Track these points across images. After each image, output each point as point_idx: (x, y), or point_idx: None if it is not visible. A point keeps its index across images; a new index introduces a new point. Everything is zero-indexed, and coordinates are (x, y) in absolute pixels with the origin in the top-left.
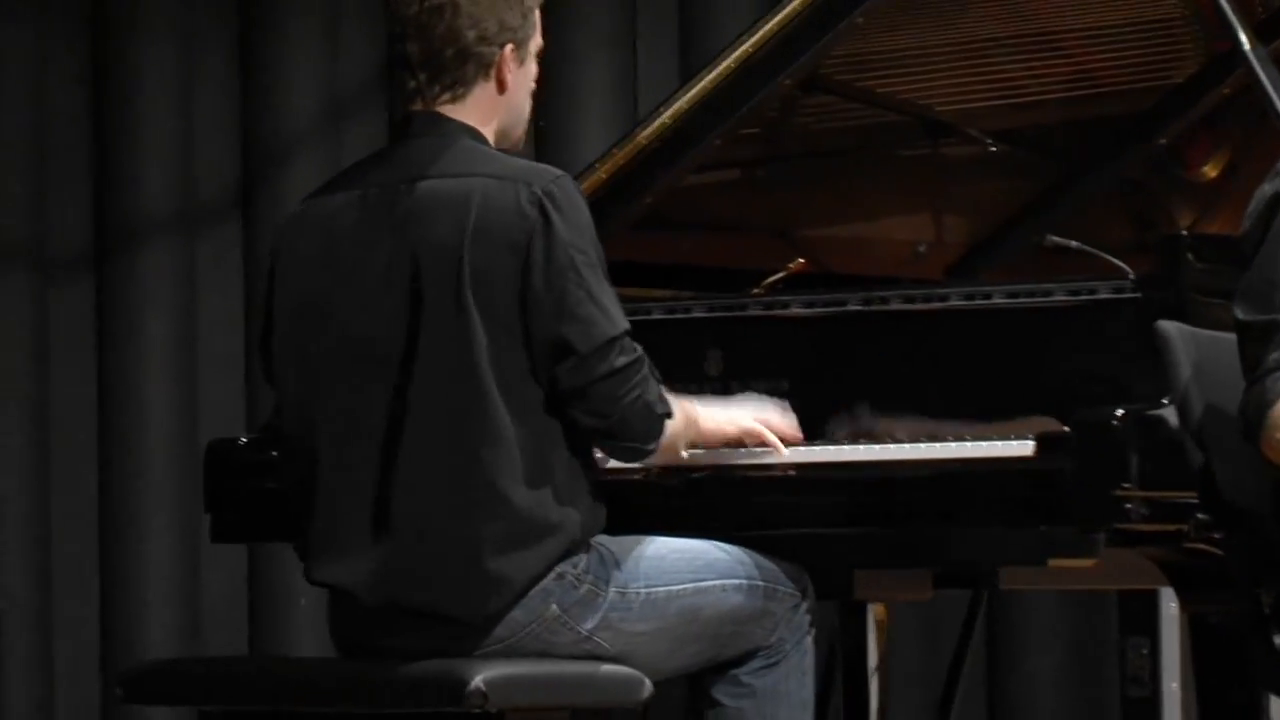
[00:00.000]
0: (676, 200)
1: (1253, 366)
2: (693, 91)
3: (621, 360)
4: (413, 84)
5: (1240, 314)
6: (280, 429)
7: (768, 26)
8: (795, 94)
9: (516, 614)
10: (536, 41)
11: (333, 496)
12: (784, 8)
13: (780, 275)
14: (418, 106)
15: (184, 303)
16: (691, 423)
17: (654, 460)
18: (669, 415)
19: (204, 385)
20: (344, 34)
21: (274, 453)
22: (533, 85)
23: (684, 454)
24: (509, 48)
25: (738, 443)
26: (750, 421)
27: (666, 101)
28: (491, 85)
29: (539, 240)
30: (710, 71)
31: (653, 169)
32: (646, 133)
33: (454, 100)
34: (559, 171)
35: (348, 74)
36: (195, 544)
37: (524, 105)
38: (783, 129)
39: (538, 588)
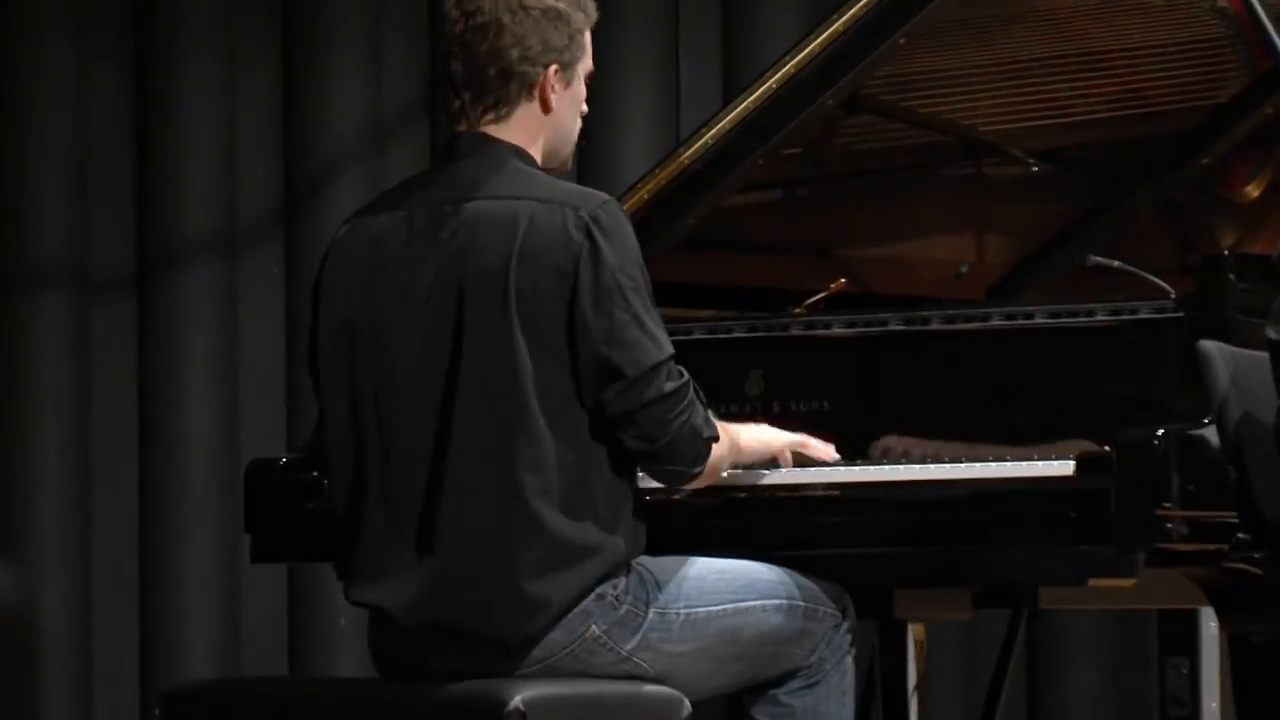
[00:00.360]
0: (719, 220)
1: None
2: (735, 111)
3: (670, 385)
4: (457, 104)
5: (1273, 334)
6: (322, 448)
7: (810, 47)
8: (838, 114)
9: (556, 634)
10: (586, 65)
11: (375, 516)
12: (827, 28)
13: (822, 295)
14: (463, 127)
15: (225, 321)
16: (733, 445)
17: (697, 483)
18: (715, 439)
19: (245, 404)
20: (387, 54)
21: (314, 473)
22: (582, 107)
23: (724, 474)
24: (553, 69)
25: (778, 459)
26: (791, 438)
27: (709, 121)
28: (535, 105)
29: (586, 264)
30: (753, 91)
31: (695, 189)
32: (689, 153)
33: (497, 120)
34: (606, 196)
35: (391, 94)
36: (236, 564)
37: (571, 127)
38: (825, 149)
39: (578, 609)
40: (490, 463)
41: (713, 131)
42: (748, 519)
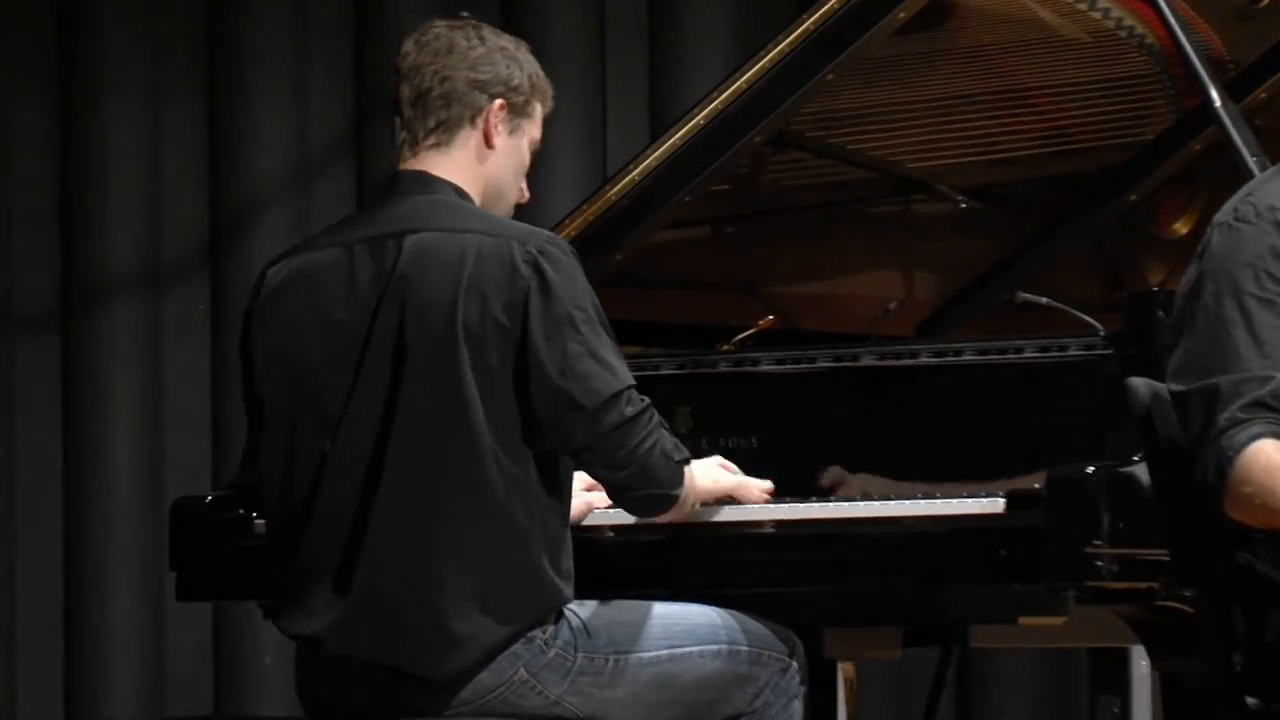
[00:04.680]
0: (646, 257)
1: (1201, 432)
2: (663, 148)
3: (630, 410)
4: (403, 133)
5: (1178, 386)
6: (253, 484)
7: (738, 82)
8: (766, 150)
9: (484, 677)
10: (533, 131)
11: (307, 548)
12: (754, 64)
13: (750, 332)
14: (406, 158)
15: (151, 361)
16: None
17: (676, 513)
18: (687, 460)
19: (170, 443)
20: (313, 93)
21: (240, 510)
22: (523, 167)
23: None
24: (499, 103)
25: (725, 500)
26: (733, 479)
27: (636, 158)
28: (478, 137)
29: (536, 299)
30: (680, 127)
31: (622, 226)
32: (616, 189)
33: (438, 146)
34: (550, 233)
35: (317, 133)
36: (160, 602)
37: (509, 182)
38: (753, 185)
39: (506, 651)
40: (427, 497)
41: (640, 168)
42: (674, 558)
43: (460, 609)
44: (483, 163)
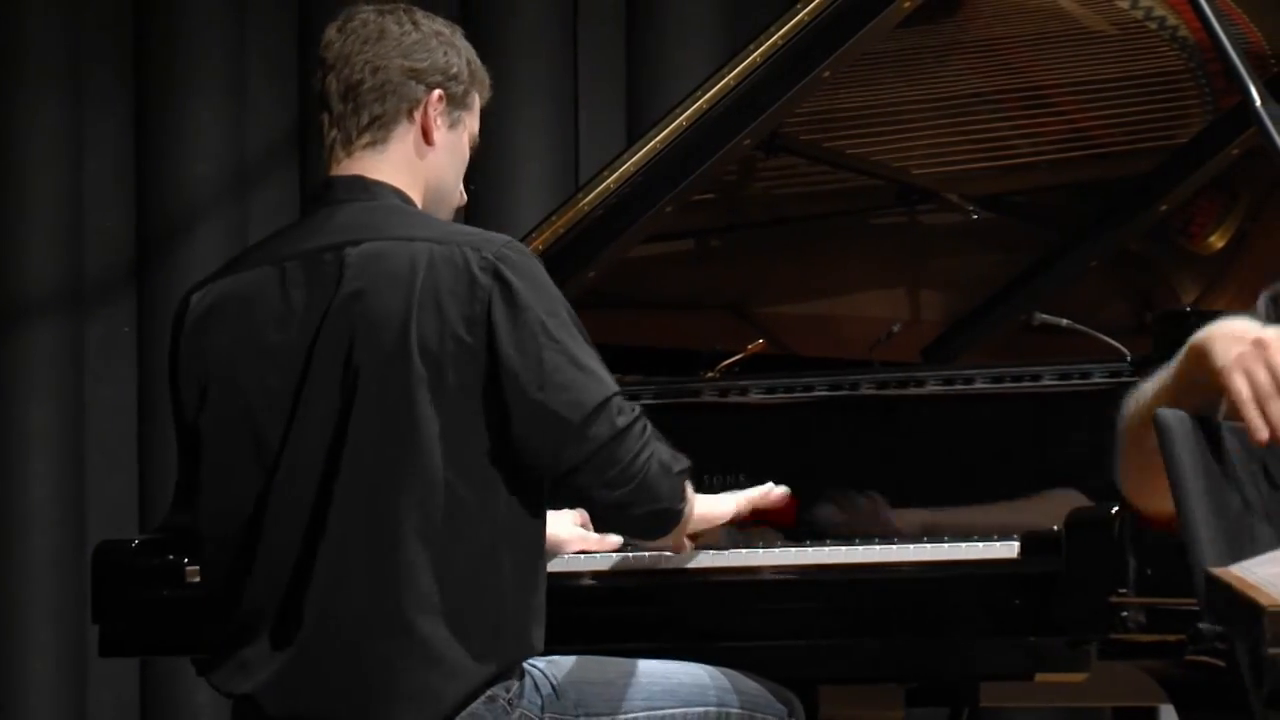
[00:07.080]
0: (622, 274)
1: None
2: (641, 152)
3: (621, 420)
4: (333, 131)
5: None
6: (183, 525)
7: (725, 80)
8: (755, 155)
9: None
10: (472, 125)
11: (248, 599)
12: (743, 59)
13: (737, 357)
14: (339, 159)
15: (71, 389)
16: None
17: (678, 533)
18: (688, 470)
19: (93, 480)
20: (252, 91)
21: (171, 556)
22: (464, 166)
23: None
24: (438, 93)
25: (742, 518)
26: (748, 494)
27: (611, 163)
28: (415, 132)
29: (501, 309)
30: (660, 130)
31: (595, 239)
32: (589, 198)
33: (374, 145)
34: (507, 236)
35: (256, 137)
36: (82, 659)
37: (450, 180)
38: (741, 194)
39: (465, 711)
40: (381, 537)
41: (615, 175)
42: (649, 608)
43: (417, 662)
44: (423, 160)
